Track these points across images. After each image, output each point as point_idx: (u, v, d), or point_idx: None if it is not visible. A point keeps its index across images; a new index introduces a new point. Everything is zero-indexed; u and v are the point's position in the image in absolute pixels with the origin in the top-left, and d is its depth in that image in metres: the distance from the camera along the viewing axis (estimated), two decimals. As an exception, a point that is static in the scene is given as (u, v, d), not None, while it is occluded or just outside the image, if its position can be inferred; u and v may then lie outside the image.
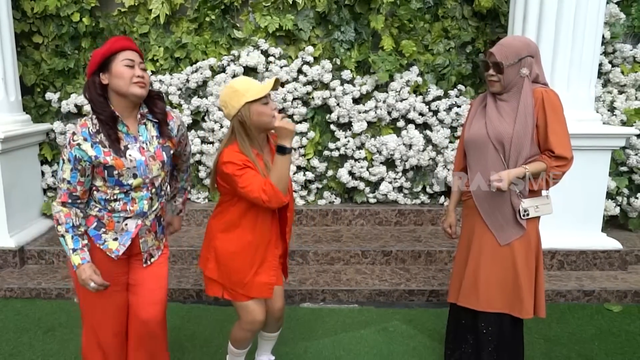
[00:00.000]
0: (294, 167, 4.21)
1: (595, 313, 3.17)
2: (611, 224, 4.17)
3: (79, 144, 1.79)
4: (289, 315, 3.11)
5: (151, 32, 4.10)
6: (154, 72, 4.14)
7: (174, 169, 2.22)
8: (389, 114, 4.15)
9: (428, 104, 4.15)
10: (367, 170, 4.20)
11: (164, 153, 1.93)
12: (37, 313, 3.14)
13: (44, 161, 4.22)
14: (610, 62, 4.07)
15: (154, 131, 1.93)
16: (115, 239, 1.91)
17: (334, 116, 4.12)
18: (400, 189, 4.30)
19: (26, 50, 4.14)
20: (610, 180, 3.96)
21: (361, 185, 4.24)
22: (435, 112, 4.16)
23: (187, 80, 4.10)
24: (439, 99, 4.16)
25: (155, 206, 1.96)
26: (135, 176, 1.85)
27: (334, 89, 4.08)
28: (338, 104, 4.11)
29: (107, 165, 1.80)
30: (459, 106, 4.15)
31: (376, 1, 3.93)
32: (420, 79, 4.11)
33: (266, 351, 2.47)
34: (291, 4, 4.02)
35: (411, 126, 4.15)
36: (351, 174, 4.25)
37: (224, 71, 4.09)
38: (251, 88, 1.96)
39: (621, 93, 4.09)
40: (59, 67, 4.07)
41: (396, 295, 3.32)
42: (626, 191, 4.04)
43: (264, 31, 4.09)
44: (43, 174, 4.21)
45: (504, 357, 2.21)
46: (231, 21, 4.12)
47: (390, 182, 4.23)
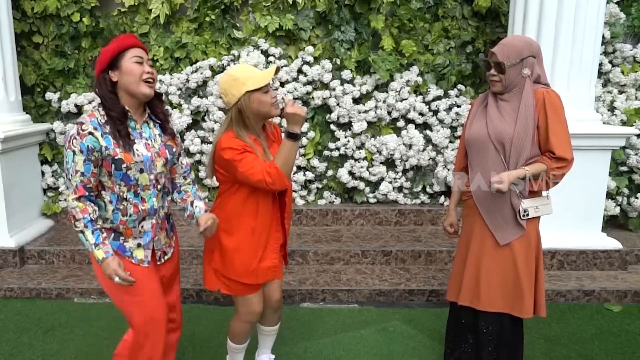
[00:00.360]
0: (294, 167, 4.21)
1: (595, 313, 3.17)
2: (611, 223, 4.17)
3: (90, 132, 1.76)
4: (289, 315, 3.11)
5: (151, 32, 4.10)
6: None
7: (173, 190, 2.11)
8: (389, 113, 4.15)
9: (428, 103, 4.15)
10: (367, 170, 4.20)
11: (167, 151, 1.95)
12: (37, 313, 3.15)
13: (44, 161, 4.22)
14: (610, 62, 4.07)
15: (156, 130, 1.95)
16: (139, 246, 1.91)
17: (334, 116, 4.12)
18: (400, 188, 4.30)
19: (26, 50, 4.14)
20: (610, 180, 3.96)
21: (361, 185, 4.24)
22: (435, 112, 4.16)
23: (187, 80, 4.10)
24: (439, 98, 4.16)
25: (162, 203, 1.98)
26: (142, 171, 1.85)
27: (334, 89, 4.08)
28: (338, 104, 4.11)
29: (116, 158, 1.79)
30: (459, 106, 4.15)
31: (376, 1, 3.93)
32: (420, 79, 4.11)
33: (267, 349, 2.47)
34: (291, 3, 4.02)
35: (411, 126, 4.15)
36: (351, 173, 4.25)
37: (223, 71, 4.09)
38: (252, 77, 1.95)
39: (621, 93, 4.09)
40: (59, 67, 4.07)
41: (396, 295, 3.32)
42: (626, 191, 4.04)
43: (264, 31, 4.09)
44: (43, 174, 4.21)
45: (504, 357, 2.21)
46: (231, 21, 4.12)
47: (390, 182, 4.23)
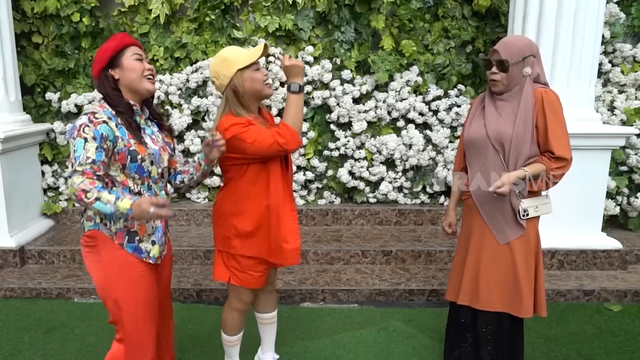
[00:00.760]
0: (294, 167, 4.21)
1: (595, 312, 3.17)
2: (611, 223, 4.17)
3: (104, 121, 1.73)
4: (289, 315, 3.11)
5: (151, 32, 4.10)
6: (154, 72, 4.14)
7: (176, 176, 2.12)
8: (389, 113, 4.15)
9: (428, 103, 4.15)
10: (367, 170, 4.20)
11: (167, 147, 1.97)
12: (38, 313, 3.15)
13: (44, 161, 4.22)
14: (610, 62, 4.07)
15: (154, 127, 1.97)
16: (153, 243, 1.89)
17: (333, 116, 4.12)
18: (400, 188, 4.30)
19: (26, 50, 4.14)
20: (610, 180, 3.96)
21: (361, 185, 4.24)
22: (435, 112, 4.16)
23: (187, 80, 4.10)
24: (439, 98, 4.16)
25: (166, 196, 1.99)
26: (152, 163, 1.85)
27: (334, 89, 4.09)
28: (338, 104, 4.11)
29: (131, 149, 1.77)
30: (459, 106, 4.15)
31: (376, 1, 3.93)
32: (420, 79, 4.11)
33: (270, 348, 2.46)
34: (291, 3, 4.02)
35: (411, 126, 4.15)
36: (351, 173, 4.25)
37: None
38: (241, 55, 1.99)
39: (621, 92, 4.09)
40: (59, 67, 4.07)
41: (396, 295, 3.32)
42: (626, 191, 4.04)
43: (263, 31, 4.09)
44: (43, 173, 4.21)
45: (503, 356, 2.21)
46: (231, 21, 4.12)
47: (390, 182, 4.23)
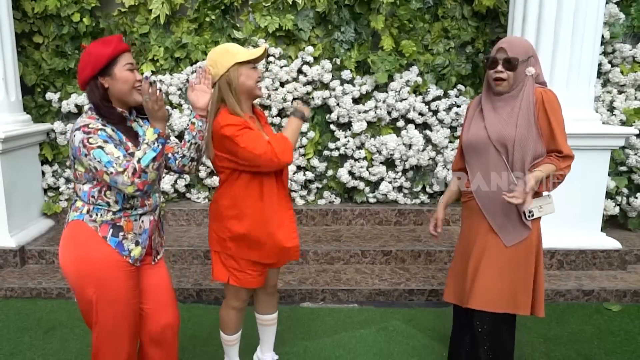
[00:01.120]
0: (294, 167, 4.22)
1: (595, 312, 3.17)
2: (610, 223, 4.18)
3: (101, 128, 1.73)
4: (289, 315, 3.12)
5: (151, 32, 4.11)
6: (154, 72, 4.14)
7: (174, 156, 2.07)
8: (389, 113, 4.15)
9: (428, 103, 4.16)
10: (367, 170, 4.21)
11: None
12: (38, 313, 3.15)
13: (45, 161, 4.22)
14: (610, 62, 4.07)
15: (144, 124, 1.95)
16: (137, 244, 1.88)
17: (333, 116, 4.13)
18: (400, 188, 4.30)
19: (26, 50, 4.14)
20: (610, 180, 3.96)
21: (361, 185, 4.24)
22: (435, 112, 4.17)
23: (187, 80, 4.10)
24: (438, 98, 4.16)
25: (159, 200, 1.99)
26: None
27: (333, 89, 4.09)
28: (338, 104, 4.11)
29: (130, 152, 1.78)
30: (458, 106, 4.15)
31: (376, 1, 3.93)
32: (420, 79, 4.11)
33: (269, 348, 2.47)
34: (291, 4, 4.02)
35: (411, 126, 4.16)
36: (351, 173, 4.26)
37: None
38: (241, 51, 2.04)
39: (620, 93, 4.10)
40: (59, 67, 4.07)
41: (396, 295, 3.32)
42: (625, 191, 4.05)
43: (263, 31, 4.09)
44: (43, 173, 4.21)
45: (501, 356, 2.21)
46: (231, 21, 4.12)
47: (390, 182, 4.24)
